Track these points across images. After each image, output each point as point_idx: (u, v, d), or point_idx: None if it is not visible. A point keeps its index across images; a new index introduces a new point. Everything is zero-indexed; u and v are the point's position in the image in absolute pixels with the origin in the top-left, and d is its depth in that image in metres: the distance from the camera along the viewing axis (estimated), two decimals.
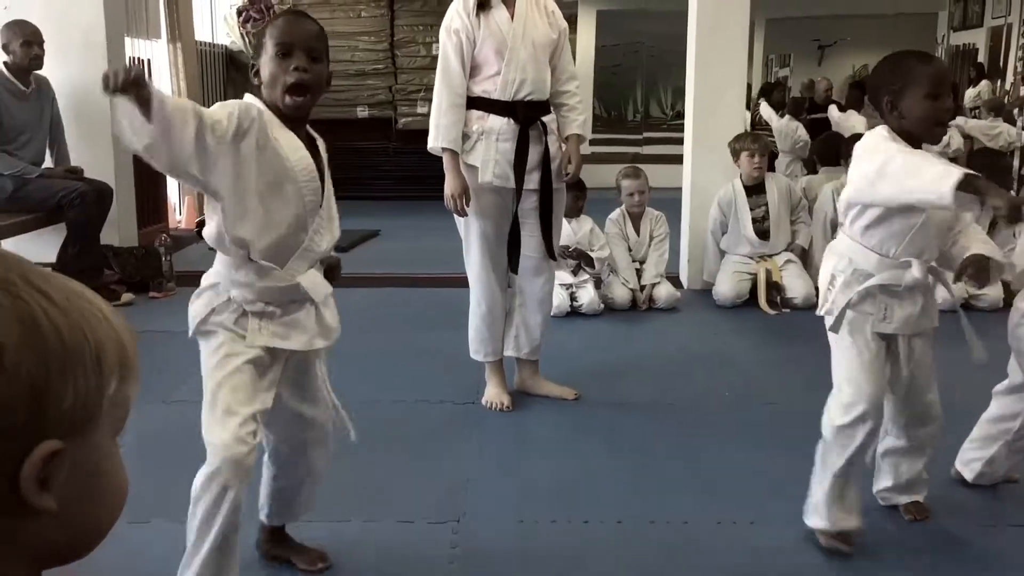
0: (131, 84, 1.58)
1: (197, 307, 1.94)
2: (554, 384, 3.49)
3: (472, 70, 3.14)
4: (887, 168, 2.02)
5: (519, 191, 3.19)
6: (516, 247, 3.26)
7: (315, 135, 2.02)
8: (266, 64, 1.89)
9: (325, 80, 1.94)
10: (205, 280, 1.96)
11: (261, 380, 1.91)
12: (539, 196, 3.23)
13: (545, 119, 3.22)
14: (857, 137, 5.27)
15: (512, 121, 3.13)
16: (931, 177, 1.93)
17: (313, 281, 1.96)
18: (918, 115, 2.12)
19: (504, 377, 3.44)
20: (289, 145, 1.89)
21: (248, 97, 1.90)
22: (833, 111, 8.05)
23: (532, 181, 3.20)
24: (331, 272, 2.10)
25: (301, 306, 1.96)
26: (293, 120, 1.91)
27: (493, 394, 3.39)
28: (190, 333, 1.95)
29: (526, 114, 3.14)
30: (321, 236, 1.97)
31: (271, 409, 1.96)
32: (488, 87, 3.14)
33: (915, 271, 2.19)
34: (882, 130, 2.17)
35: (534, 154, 3.17)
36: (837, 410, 2.29)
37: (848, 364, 2.28)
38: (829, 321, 2.29)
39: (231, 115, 1.79)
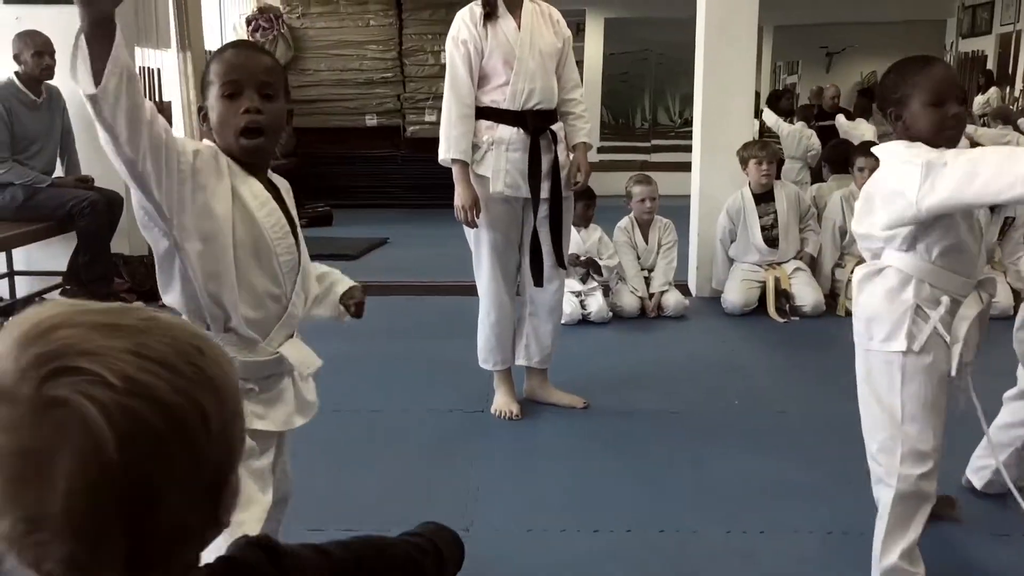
0: None
1: None
2: (563, 392, 3.49)
3: (480, 80, 3.14)
4: (978, 167, 1.84)
5: (536, 202, 3.20)
6: (538, 259, 3.26)
7: (276, 180, 1.77)
8: (213, 106, 1.64)
9: (284, 119, 1.70)
10: None
11: (253, 479, 1.65)
12: (549, 205, 3.23)
13: (553, 128, 3.23)
14: (868, 145, 5.28)
15: (522, 131, 3.14)
16: None
17: (299, 352, 1.75)
18: (923, 124, 2.03)
19: (513, 386, 3.44)
20: (255, 198, 1.65)
21: (207, 141, 1.67)
22: (841, 119, 8.03)
23: (543, 190, 3.21)
24: (359, 309, 1.91)
25: (280, 380, 1.74)
26: (254, 166, 1.68)
27: (502, 403, 3.39)
28: None
29: (535, 124, 3.15)
30: (300, 297, 1.75)
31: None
32: (497, 97, 3.14)
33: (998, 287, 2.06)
34: (901, 144, 2.07)
35: (544, 163, 3.18)
36: (914, 460, 2.11)
37: (915, 402, 2.09)
38: (896, 347, 2.09)
39: (196, 152, 1.58)
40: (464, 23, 3.13)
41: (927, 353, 2.07)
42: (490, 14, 3.11)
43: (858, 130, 7.53)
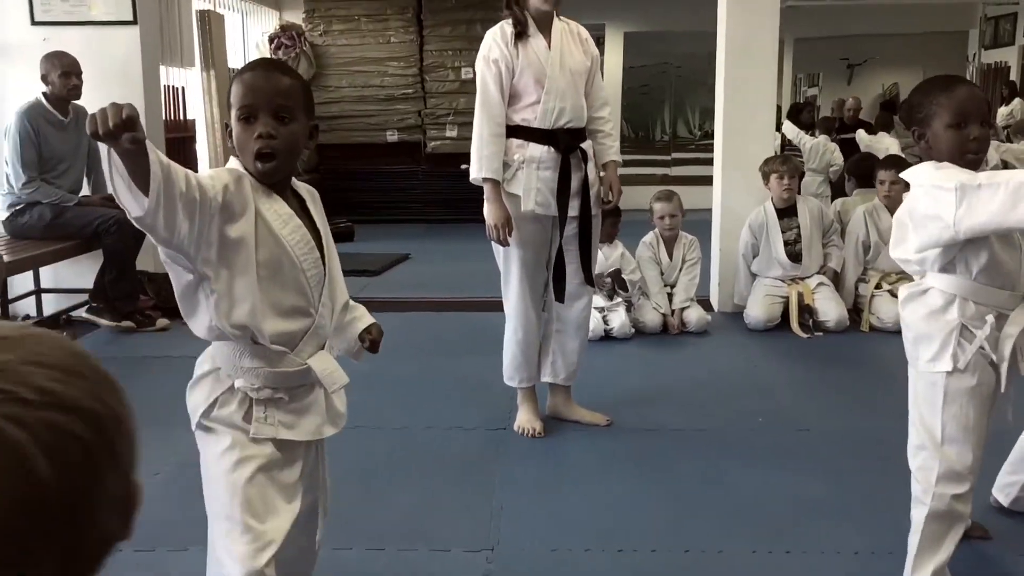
0: (123, 126, 1.33)
1: (197, 398, 1.73)
2: (586, 410, 3.49)
3: (511, 99, 3.14)
4: (1021, 191, 1.83)
5: (563, 220, 3.20)
6: (561, 276, 3.26)
7: (302, 191, 1.79)
8: (234, 127, 1.67)
9: (301, 140, 1.69)
10: (201, 365, 1.75)
11: (278, 490, 1.70)
12: (579, 223, 3.23)
13: (583, 146, 3.23)
14: (893, 158, 5.26)
15: (553, 149, 3.14)
16: None
17: (327, 366, 1.75)
18: (943, 146, 2.04)
19: (536, 403, 3.44)
20: (279, 216, 1.67)
21: (232, 162, 1.70)
22: (861, 134, 7.98)
23: (572, 208, 3.21)
24: (374, 346, 1.90)
25: (311, 390, 1.76)
26: (275, 184, 1.70)
27: (525, 420, 3.39)
28: (192, 426, 1.74)
29: (566, 142, 3.16)
30: (327, 308, 1.77)
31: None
32: (528, 115, 3.15)
33: None
34: (930, 166, 2.07)
35: (574, 181, 3.18)
36: (949, 480, 2.11)
37: (955, 423, 2.08)
38: (940, 368, 2.08)
39: (225, 188, 1.60)
40: (495, 42, 3.12)
41: (971, 374, 2.07)
42: (521, 33, 3.11)
43: (881, 144, 7.49)
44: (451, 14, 8.69)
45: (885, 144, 7.50)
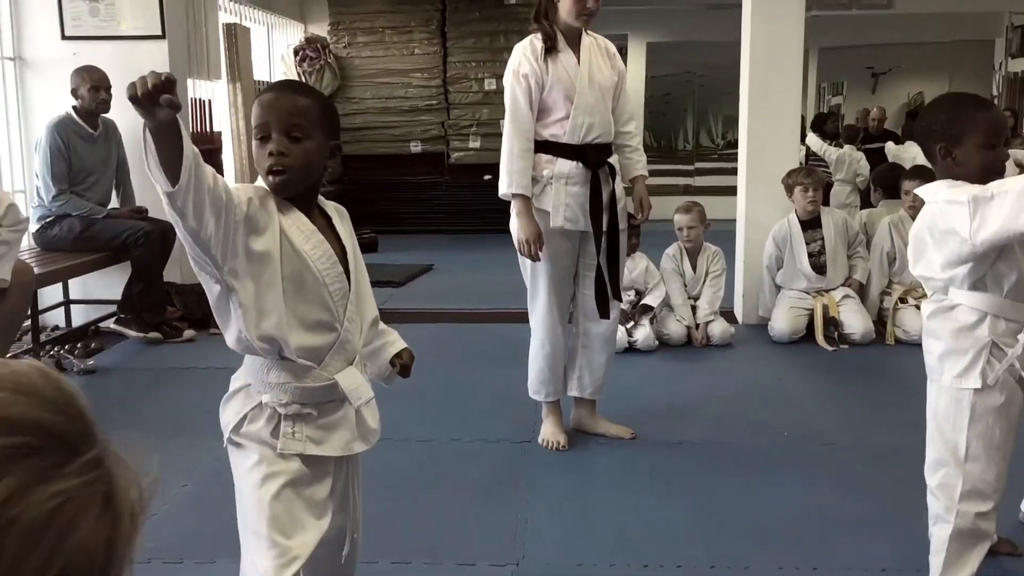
0: (162, 87, 1.38)
1: (228, 414, 1.75)
2: (611, 423, 3.49)
3: (539, 114, 3.15)
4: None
5: (598, 236, 3.20)
6: (604, 292, 3.25)
7: (329, 208, 1.81)
8: (252, 146, 1.73)
9: (316, 158, 1.71)
10: (235, 381, 1.77)
11: (306, 506, 1.71)
12: (607, 238, 3.23)
13: (611, 160, 3.23)
14: (919, 169, 5.21)
15: (581, 165, 3.15)
16: None
17: (353, 381, 1.75)
18: (975, 164, 2.04)
19: (561, 416, 3.44)
20: (301, 232, 1.69)
21: (259, 181, 1.72)
22: (891, 146, 7.91)
23: (603, 224, 3.21)
24: (404, 371, 1.91)
25: (340, 405, 1.76)
26: (298, 200, 1.72)
27: (550, 433, 3.39)
28: (224, 441, 1.76)
29: (595, 157, 3.16)
30: (353, 323, 1.77)
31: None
32: (556, 131, 3.15)
33: None
34: (943, 183, 2.07)
35: (603, 196, 3.18)
36: (973, 498, 2.10)
37: (981, 441, 2.07)
38: (969, 385, 2.07)
39: (249, 200, 1.63)
40: (525, 57, 3.12)
41: (999, 392, 2.07)
42: (551, 48, 3.12)
43: (908, 153, 7.43)
44: (474, 26, 8.73)
45: (912, 153, 7.43)
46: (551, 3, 3.13)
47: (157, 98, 1.39)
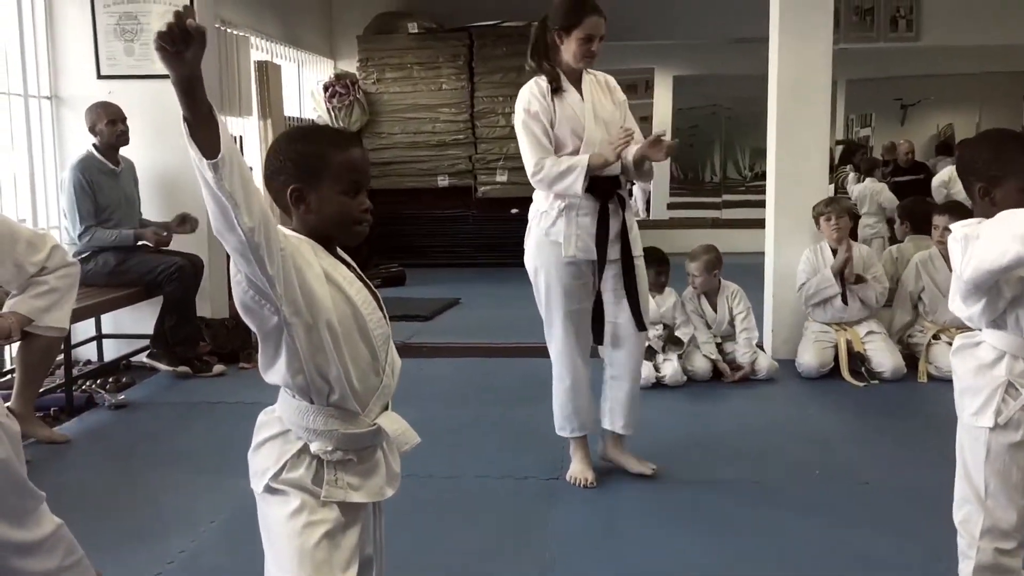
0: (185, 34, 1.41)
1: (265, 459, 1.71)
2: (635, 458, 3.46)
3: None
4: (995, 234, 1.89)
5: (601, 265, 3.25)
6: (600, 318, 3.31)
7: (346, 256, 1.80)
8: (330, 196, 1.69)
9: None
10: (268, 427, 1.73)
11: (340, 555, 1.69)
12: (621, 267, 3.28)
13: (620, 192, 3.30)
14: (952, 204, 5.16)
15: (591, 196, 3.21)
16: None
17: (396, 425, 1.75)
18: (1012, 205, 1.99)
19: (588, 452, 3.43)
20: (344, 277, 1.70)
21: (283, 230, 1.66)
22: (939, 178, 7.68)
23: (613, 252, 3.28)
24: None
25: (375, 451, 1.76)
26: (334, 248, 1.74)
27: (578, 470, 3.37)
28: (257, 489, 1.71)
29: (604, 188, 3.22)
30: (392, 367, 1.77)
31: None
32: None
33: None
34: (966, 222, 2.05)
35: (613, 226, 3.25)
36: (993, 535, 2.09)
37: (998, 479, 2.07)
38: (983, 423, 2.07)
39: (286, 236, 1.61)
40: (534, 96, 3.22)
41: (1015, 430, 2.05)
42: (556, 88, 3.22)
43: (954, 188, 7.27)
44: (501, 61, 8.81)
45: (957, 188, 7.28)
46: (553, 47, 3.22)
47: (184, 34, 1.41)
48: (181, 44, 1.42)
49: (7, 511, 2.04)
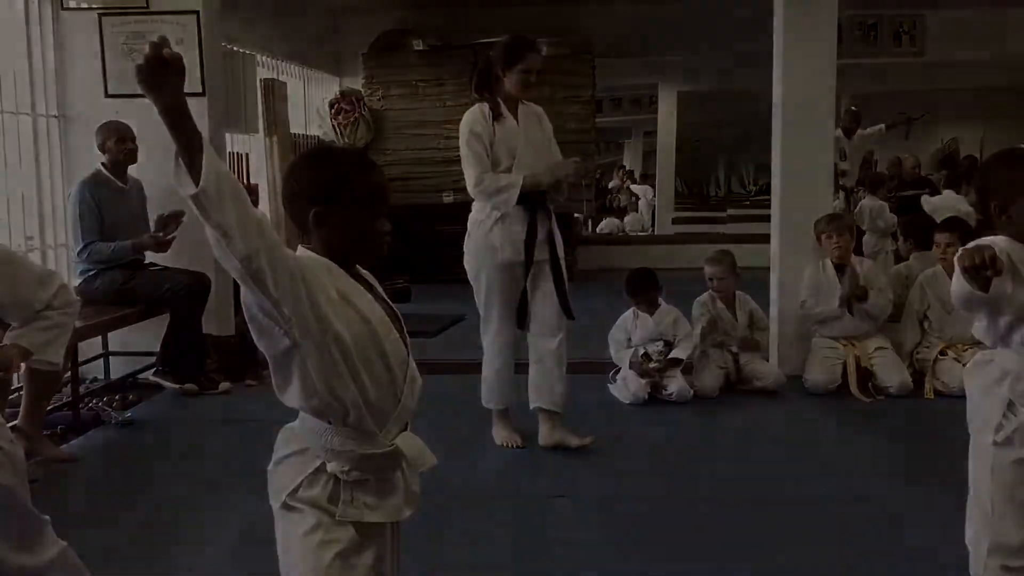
0: (162, 64, 1.41)
1: (283, 477, 1.71)
2: (572, 434, 3.86)
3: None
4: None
5: (528, 264, 3.81)
6: (524, 310, 3.90)
7: (367, 276, 1.81)
8: (351, 219, 1.71)
9: None
10: (288, 444, 1.74)
11: (356, 572, 1.69)
12: (550, 264, 3.86)
13: (548, 204, 3.85)
14: (953, 220, 5.17)
15: (522, 207, 3.77)
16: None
17: (415, 446, 1.76)
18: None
19: (510, 420, 4.01)
20: (361, 297, 1.70)
21: (301, 249, 1.70)
22: (927, 201, 7.71)
23: (541, 254, 3.84)
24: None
25: (393, 471, 1.75)
26: (352, 267, 1.75)
27: (505, 436, 3.97)
28: (275, 506, 1.72)
29: (533, 201, 3.78)
30: (411, 388, 1.77)
31: None
32: None
33: None
34: (1001, 239, 2.04)
35: (541, 232, 3.83)
36: (1000, 552, 2.07)
37: (1002, 495, 2.06)
38: (986, 440, 2.07)
39: (296, 257, 1.62)
40: (477, 119, 3.80)
41: (1019, 447, 2.04)
42: (497, 116, 3.79)
43: (948, 203, 7.27)
44: None
45: (952, 202, 7.27)
46: (496, 79, 3.81)
47: (161, 64, 1.41)
48: (161, 75, 1.42)
49: (12, 536, 2.05)
